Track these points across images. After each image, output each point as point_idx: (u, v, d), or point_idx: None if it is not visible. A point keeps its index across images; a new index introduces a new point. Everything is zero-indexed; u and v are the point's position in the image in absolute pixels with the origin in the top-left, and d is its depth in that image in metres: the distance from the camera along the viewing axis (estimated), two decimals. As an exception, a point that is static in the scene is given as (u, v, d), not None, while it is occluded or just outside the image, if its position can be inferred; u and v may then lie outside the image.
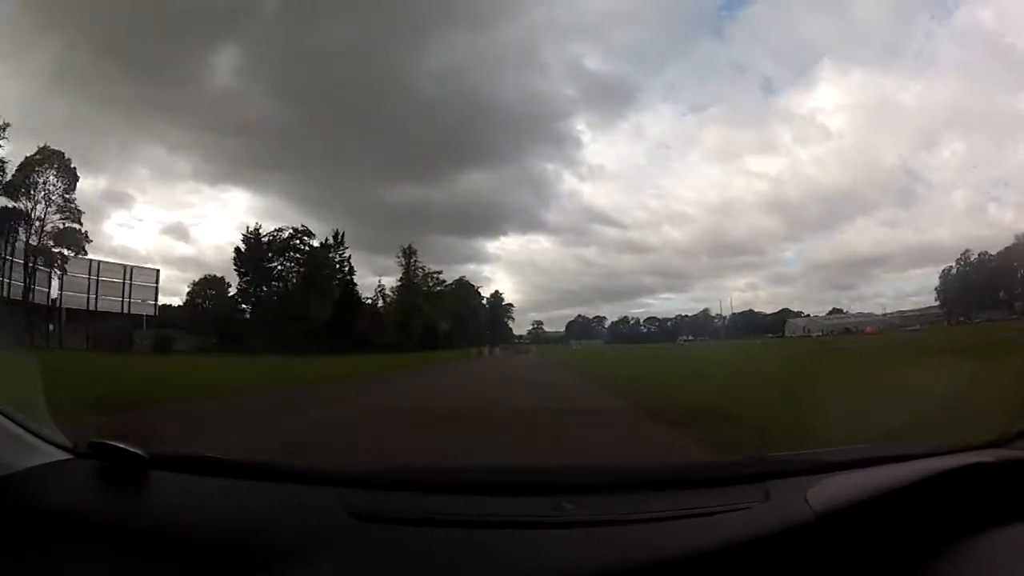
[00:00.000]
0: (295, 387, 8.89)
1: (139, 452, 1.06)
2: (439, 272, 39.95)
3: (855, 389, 5.99)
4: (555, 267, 56.95)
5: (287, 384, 9.02)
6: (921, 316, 36.83)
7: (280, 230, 29.77)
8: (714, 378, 9.16)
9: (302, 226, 30.40)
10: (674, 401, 6.03)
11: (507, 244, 53.88)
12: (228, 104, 25.75)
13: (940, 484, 0.95)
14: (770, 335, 43.34)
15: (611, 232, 53.93)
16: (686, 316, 57.08)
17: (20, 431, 1.10)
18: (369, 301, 34.46)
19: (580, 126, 52.12)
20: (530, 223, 56.41)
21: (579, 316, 60.76)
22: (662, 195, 47.92)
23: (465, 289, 45.16)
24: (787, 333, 44.41)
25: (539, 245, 52.64)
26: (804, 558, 0.86)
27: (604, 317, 59.15)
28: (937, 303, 34.04)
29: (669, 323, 57.58)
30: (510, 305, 53.82)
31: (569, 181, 49.44)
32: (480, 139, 38.08)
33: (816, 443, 2.56)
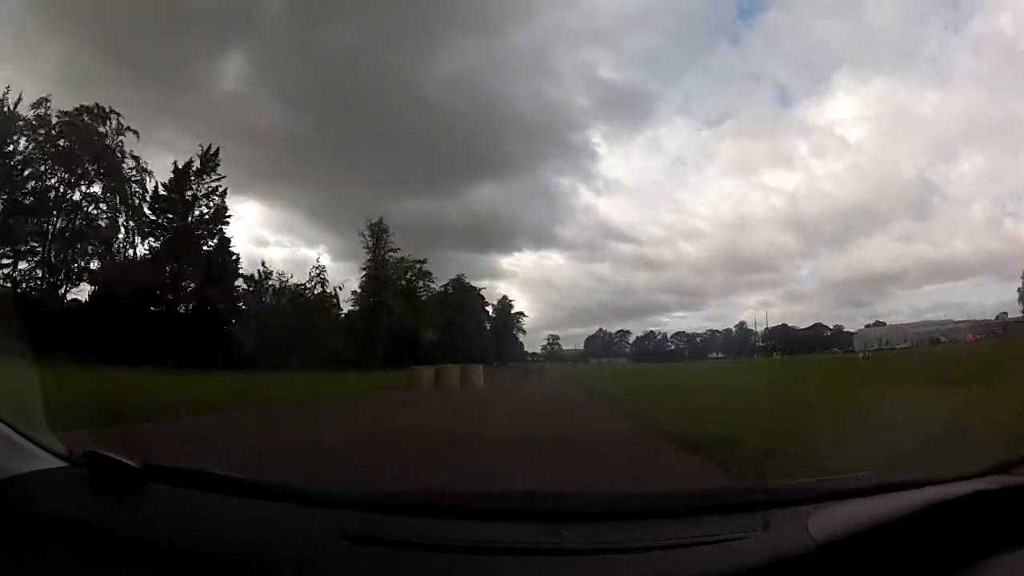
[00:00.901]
0: None
1: (133, 464, 1.19)
2: (421, 262, 36.86)
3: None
4: (569, 284, 60.06)
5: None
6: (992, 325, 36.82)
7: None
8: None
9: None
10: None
11: (521, 260, 57.42)
12: (234, 111, 27.32)
13: (943, 512, 1.04)
14: (836, 350, 44.47)
15: (626, 248, 59.62)
16: (716, 332, 56.49)
17: (16, 436, 1.24)
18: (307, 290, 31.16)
19: (596, 138, 57.59)
20: (544, 239, 60.22)
21: (600, 331, 61.39)
22: (678, 210, 52.63)
23: (464, 292, 42.10)
24: (857, 347, 43.49)
25: (552, 261, 57.21)
26: None
27: (628, 332, 61.20)
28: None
29: (698, 339, 57.90)
30: (520, 315, 50.70)
31: (584, 195, 54.11)
32: (493, 150, 40.67)
33: (820, 471, 2.66)
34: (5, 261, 22.46)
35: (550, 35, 45.53)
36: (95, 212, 24.42)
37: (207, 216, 26.60)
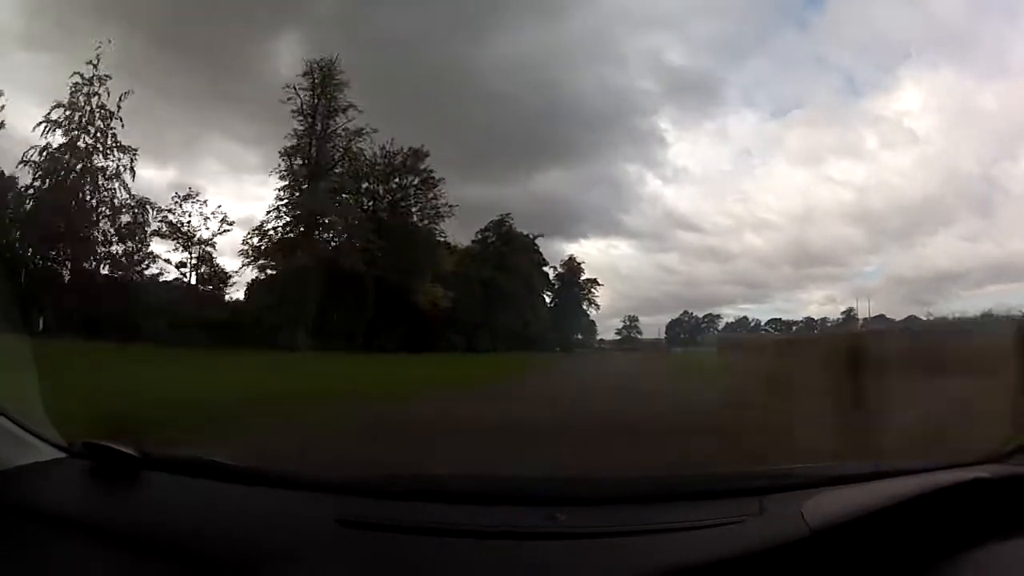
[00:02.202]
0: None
1: (131, 452, 1.45)
2: (421, 154, 29.82)
3: None
4: (635, 273, 63.41)
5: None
6: None
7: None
8: None
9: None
10: None
11: (586, 247, 62.03)
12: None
13: (938, 499, 1.22)
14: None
15: (692, 238, 62.82)
16: (813, 320, 56.48)
17: (14, 428, 1.50)
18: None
19: (663, 124, 60.30)
20: (609, 226, 64.24)
21: (685, 314, 62.37)
22: (745, 200, 55.10)
23: (510, 243, 39.11)
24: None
25: (618, 250, 61.34)
26: (799, 573, 1.13)
27: (718, 316, 61.22)
28: None
29: (794, 327, 58.17)
30: (594, 283, 48.60)
31: (651, 183, 56.71)
32: (555, 136, 44.15)
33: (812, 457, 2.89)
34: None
35: (613, 19, 49.22)
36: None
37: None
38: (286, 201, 26.74)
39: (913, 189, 47.99)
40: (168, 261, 25.40)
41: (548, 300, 47.69)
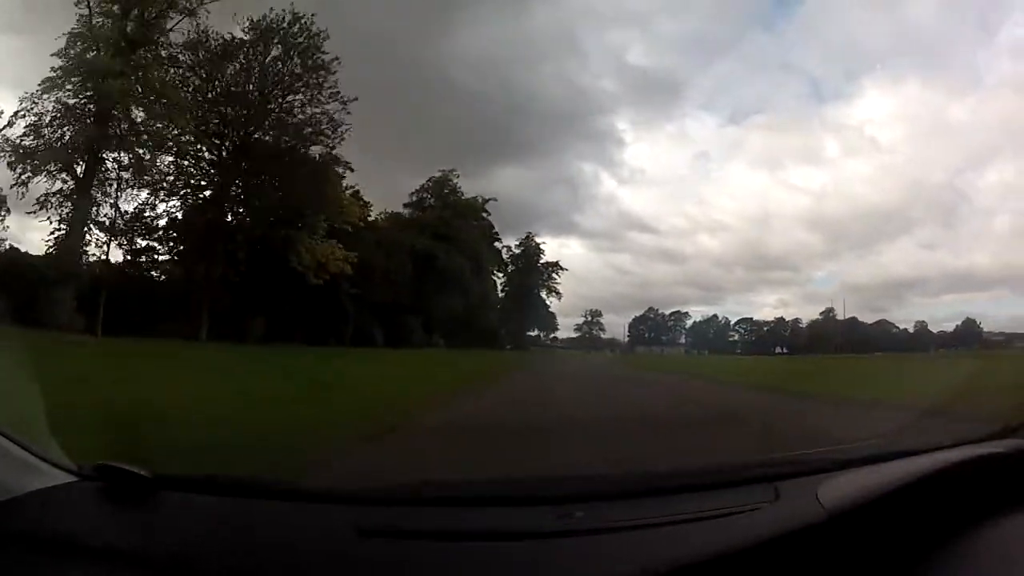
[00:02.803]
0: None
1: (144, 473, 1.61)
2: (293, 16, 23.11)
3: None
4: (588, 274, 76.40)
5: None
6: None
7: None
8: None
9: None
10: None
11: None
12: None
13: (951, 476, 1.52)
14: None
15: (646, 239, 77.71)
16: (785, 320, 65.75)
17: (22, 453, 1.64)
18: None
19: (622, 124, 74.15)
20: (564, 225, 78.03)
21: (649, 311, 68.89)
22: (701, 202, 67.24)
23: (451, 207, 38.19)
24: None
25: (571, 250, 72.96)
26: (817, 557, 1.34)
27: (685, 313, 69.41)
28: None
29: (766, 328, 68.21)
30: (557, 268, 50.78)
31: (607, 183, 68.49)
32: (513, 132, 51.07)
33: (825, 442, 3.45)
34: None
35: (577, 16, 59.27)
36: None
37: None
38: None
39: (873, 197, 57.31)
40: None
41: (500, 286, 47.52)
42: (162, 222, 26.10)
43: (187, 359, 16.07)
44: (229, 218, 26.64)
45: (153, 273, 27.38)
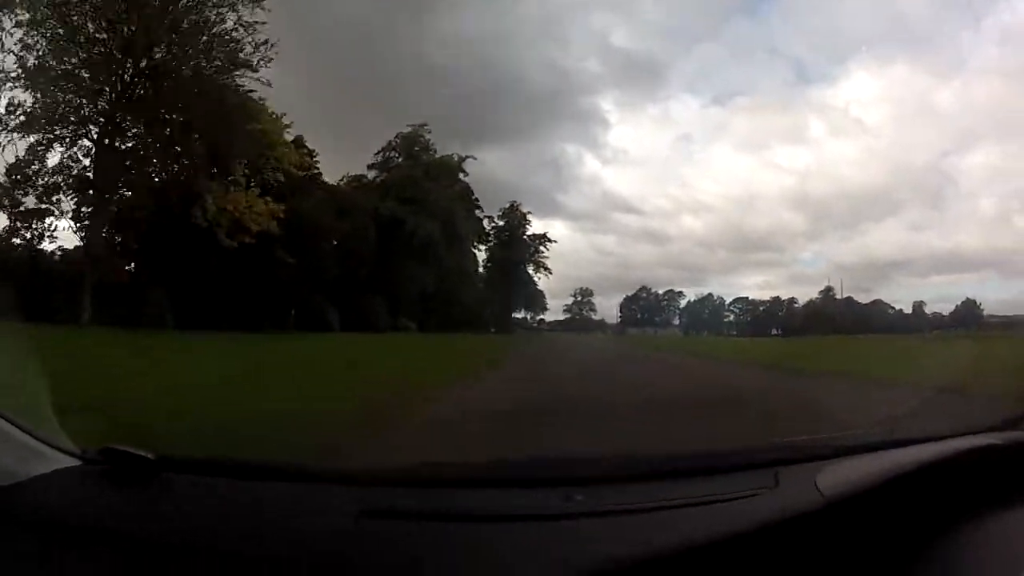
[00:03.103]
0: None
1: (148, 456, 1.75)
2: None
3: None
4: (571, 255, 78.49)
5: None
6: None
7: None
8: None
9: None
10: None
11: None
12: None
13: (950, 466, 1.64)
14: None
15: (630, 220, 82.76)
16: (781, 299, 68.59)
17: (26, 438, 1.78)
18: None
19: (606, 105, 76.89)
20: (548, 207, 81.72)
21: (642, 291, 72.31)
22: (685, 183, 71.20)
23: (420, 167, 35.89)
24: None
25: (555, 231, 75.25)
26: (815, 543, 1.45)
27: (679, 293, 72.94)
28: None
29: (762, 308, 71.71)
30: (543, 239, 49.35)
31: (591, 164, 76.08)
32: (497, 114, 54.17)
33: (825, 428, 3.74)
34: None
35: None
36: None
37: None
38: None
39: (859, 178, 62.04)
40: None
41: (482, 262, 45.70)
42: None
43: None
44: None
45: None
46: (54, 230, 23.56)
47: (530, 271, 49.63)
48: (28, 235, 23.56)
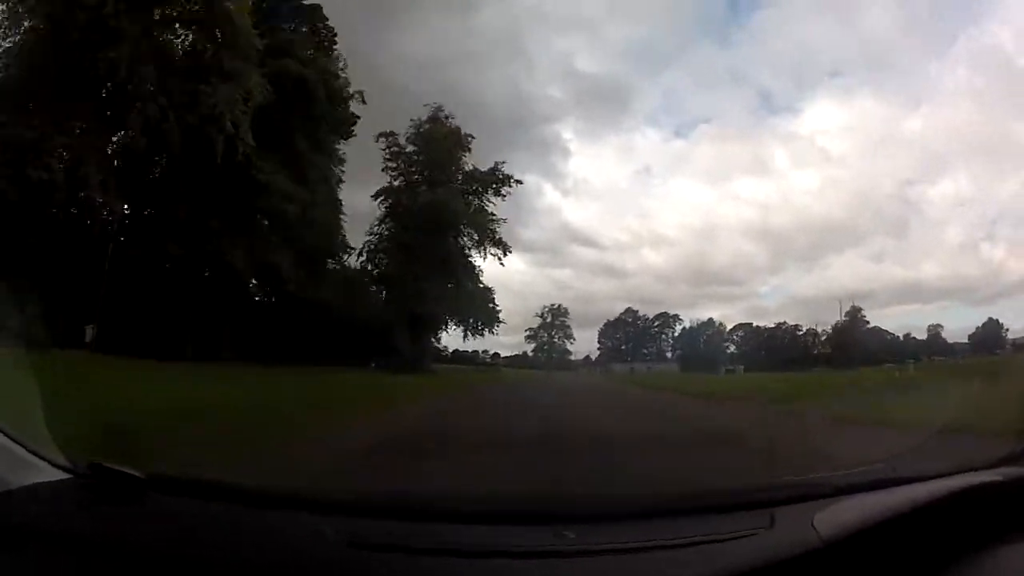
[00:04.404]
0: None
1: (138, 474, 1.75)
2: None
3: None
4: (527, 289, 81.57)
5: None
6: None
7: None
8: None
9: None
10: None
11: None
12: None
13: (950, 505, 1.64)
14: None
15: (588, 253, 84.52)
16: (787, 323, 60.83)
17: (17, 448, 1.80)
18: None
19: (567, 134, 79.32)
20: (505, 238, 60.55)
21: (627, 314, 61.28)
22: (645, 215, 73.41)
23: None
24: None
25: (513, 265, 66.93)
26: None
27: (675, 317, 63.84)
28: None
29: (765, 333, 65.16)
30: (508, 181, 33.38)
31: (550, 195, 74.17)
32: None
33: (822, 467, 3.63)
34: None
35: (525, 18, 65.06)
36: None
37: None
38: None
39: (822, 208, 62.54)
40: None
41: (374, 230, 30.84)
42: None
43: None
44: None
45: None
46: None
47: (470, 250, 31.71)
48: None
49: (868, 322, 57.38)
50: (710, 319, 64.41)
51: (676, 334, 64.63)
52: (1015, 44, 59.73)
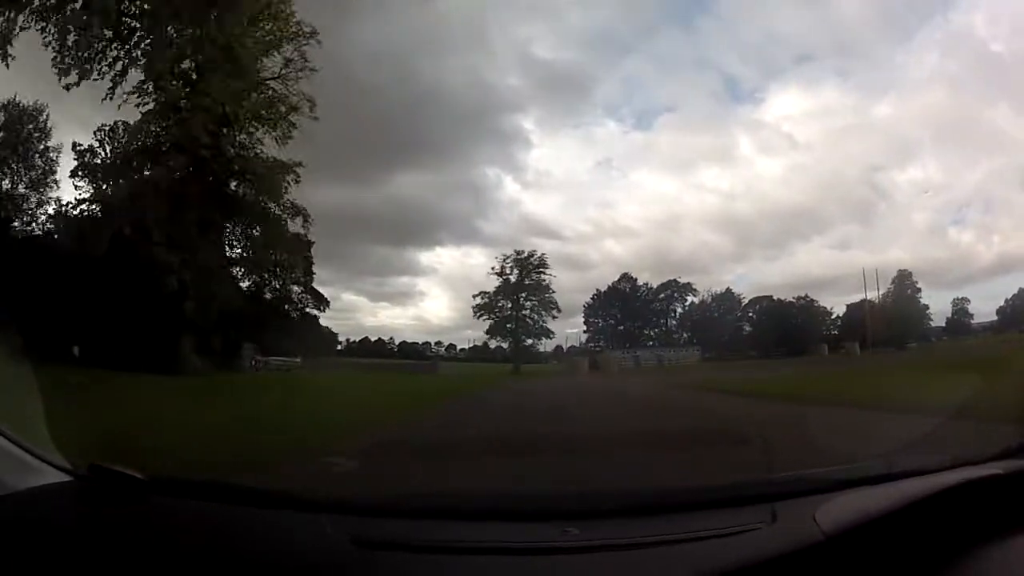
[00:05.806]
0: None
1: (138, 476, 1.77)
2: None
3: None
4: (489, 283, 68.43)
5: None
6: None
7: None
8: None
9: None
10: None
11: (442, 256, 72.17)
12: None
13: (951, 498, 1.66)
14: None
15: (549, 246, 77.69)
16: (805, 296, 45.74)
17: (19, 451, 1.81)
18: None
19: (528, 124, 75.69)
20: (466, 233, 75.50)
21: (623, 280, 43.14)
22: (607, 205, 68.50)
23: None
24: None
25: (474, 259, 73.24)
26: None
27: (686, 285, 44.99)
28: None
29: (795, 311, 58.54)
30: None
31: (511, 188, 69.80)
32: (416, 132, 49.35)
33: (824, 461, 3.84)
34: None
35: (484, 4, 61.77)
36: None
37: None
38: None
39: (787, 196, 59.55)
40: None
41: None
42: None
43: None
44: None
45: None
46: None
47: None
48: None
49: (920, 289, 45.71)
50: (728, 289, 47.24)
51: (681, 310, 46.54)
52: (987, 30, 59.18)
